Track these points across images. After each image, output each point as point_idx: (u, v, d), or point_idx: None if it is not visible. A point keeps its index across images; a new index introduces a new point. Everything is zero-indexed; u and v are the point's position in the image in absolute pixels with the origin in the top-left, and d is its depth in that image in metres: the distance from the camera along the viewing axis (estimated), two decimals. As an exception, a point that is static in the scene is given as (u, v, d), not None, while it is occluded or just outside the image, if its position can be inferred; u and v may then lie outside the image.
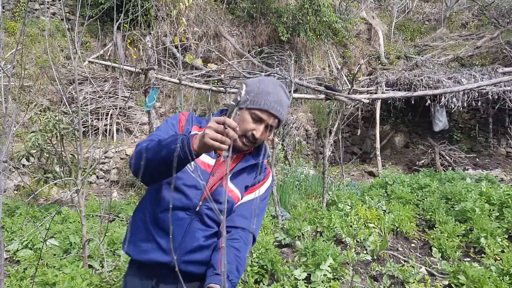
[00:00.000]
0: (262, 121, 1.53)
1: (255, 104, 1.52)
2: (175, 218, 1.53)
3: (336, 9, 12.81)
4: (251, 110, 1.53)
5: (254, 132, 1.53)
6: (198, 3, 10.89)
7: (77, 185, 3.07)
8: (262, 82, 1.57)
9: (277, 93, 1.55)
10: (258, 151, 1.67)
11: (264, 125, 1.54)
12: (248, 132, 1.54)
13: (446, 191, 5.67)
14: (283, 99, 1.57)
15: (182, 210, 1.54)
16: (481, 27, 14.46)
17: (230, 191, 1.59)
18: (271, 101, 1.52)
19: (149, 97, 4.67)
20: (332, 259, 3.50)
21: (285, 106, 1.58)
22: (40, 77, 8.48)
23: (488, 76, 9.71)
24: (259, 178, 1.68)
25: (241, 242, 1.54)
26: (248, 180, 1.65)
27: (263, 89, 1.53)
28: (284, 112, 1.58)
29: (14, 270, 3.36)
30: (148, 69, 4.71)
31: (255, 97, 1.53)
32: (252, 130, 1.53)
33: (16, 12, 9.63)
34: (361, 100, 5.92)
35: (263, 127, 1.54)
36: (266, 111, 1.52)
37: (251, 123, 1.53)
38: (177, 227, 1.53)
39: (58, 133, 5.16)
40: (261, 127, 1.54)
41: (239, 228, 1.58)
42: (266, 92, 1.53)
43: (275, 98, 1.54)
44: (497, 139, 10.92)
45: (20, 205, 5.26)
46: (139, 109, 8.66)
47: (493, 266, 3.55)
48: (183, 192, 1.54)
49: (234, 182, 1.61)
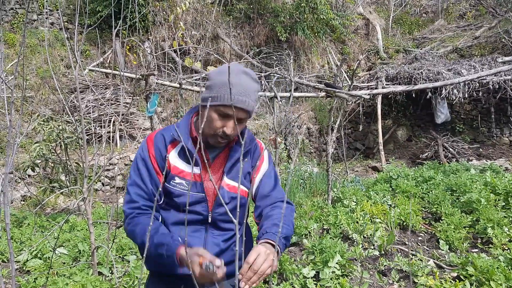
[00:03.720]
0: (230, 116, 1.46)
1: (219, 100, 1.44)
2: (191, 231, 1.56)
3: (333, 6, 12.82)
4: (216, 107, 1.45)
5: (224, 129, 1.48)
6: (195, 7, 10.91)
7: (83, 193, 3.10)
8: (222, 74, 1.47)
9: (240, 83, 1.45)
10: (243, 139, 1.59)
11: (233, 120, 1.48)
12: (218, 131, 1.48)
13: (451, 183, 5.66)
14: (249, 86, 1.47)
15: (197, 224, 1.57)
16: (479, 17, 14.44)
17: (231, 187, 1.58)
18: (234, 94, 1.43)
19: (151, 102, 4.69)
20: (340, 256, 3.51)
21: (252, 94, 1.48)
22: (41, 87, 8.53)
23: (488, 66, 9.70)
24: (257, 155, 1.66)
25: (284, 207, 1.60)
26: (246, 167, 1.64)
27: (224, 81, 1.44)
28: (252, 101, 1.48)
29: (24, 281, 3.38)
30: (148, 75, 4.74)
31: (218, 92, 1.45)
32: (222, 127, 1.48)
33: (14, 23, 9.69)
34: (361, 96, 5.93)
35: (232, 122, 1.47)
36: (231, 106, 1.42)
37: (218, 120, 1.47)
38: (195, 239, 1.56)
39: (62, 142, 5.20)
40: (230, 122, 1.47)
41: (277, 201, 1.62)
42: (227, 85, 1.41)
43: (239, 89, 1.44)
44: (499, 128, 10.89)
45: (28, 215, 5.30)
46: (141, 114, 8.70)
47: (501, 256, 3.54)
48: (191, 210, 1.56)
49: (231, 177, 1.59)
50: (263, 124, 10.12)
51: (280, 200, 1.62)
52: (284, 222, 1.52)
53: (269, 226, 1.47)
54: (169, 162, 1.55)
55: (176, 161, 1.56)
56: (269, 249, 1.36)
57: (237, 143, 1.61)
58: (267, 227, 1.47)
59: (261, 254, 1.32)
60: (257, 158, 1.66)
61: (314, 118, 11.21)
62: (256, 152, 1.67)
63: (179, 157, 1.56)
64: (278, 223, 1.47)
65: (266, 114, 10.47)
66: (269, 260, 1.32)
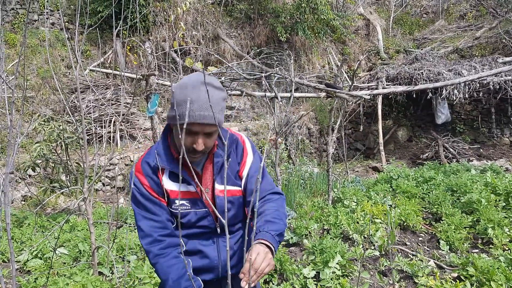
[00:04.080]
0: (196, 133, 1.44)
1: (181, 119, 1.41)
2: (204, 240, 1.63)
3: (333, 7, 12.82)
4: (181, 126, 1.41)
5: (194, 146, 1.45)
6: (195, 7, 10.92)
7: (84, 193, 3.10)
8: (182, 89, 1.43)
9: (199, 98, 1.40)
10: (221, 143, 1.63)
11: (201, 135, 1.45)
12: (189, 147, 1.46)
13: (451, 183, 5.66)
14: (211, 99, 1.40)
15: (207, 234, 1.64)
16: (479, 18, 14.43)
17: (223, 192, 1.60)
18: (195, 111, 1.39)
19: (151, 103, 4.69)
20: (340, 256, 3.51)
21: (214, 105, 1.42)
22: (42, 87, 8.54)
23: (488, 67, 9.69)
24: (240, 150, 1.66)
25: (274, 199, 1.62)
26: (233, 167, 1.64)
27: (183, 98, 1.40)
28: (216, 112, 1.42)
29: (25, 281, 3.39)
30: (149, 75, 4.74)
31: (178, 110, 1.41)
32: (191, 144, 1.46)
33: (15, 24, 9.70)
34: (362, 96, 5.93)
35: (201, 137, 1.45)
36: (194, 123, 1.40)
37: (186, 137, 1.44)
38: (209, 247, 1.63)
39: (63, 142, 5.20)
40: (198, 138, 1.45)
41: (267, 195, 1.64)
42: (187, 100, 1.39)
43: (199, 104, 1.39)
44: (500, 129, 10.88)
45: (28, 215, 5.30)
46: (142, 115, 8.70)
47: (501, 257, 3.54)
48: (198, 226, 1.61)
49: (221, 181, 1.60)
50: (264, 124, 10.12)
51: (269, 193, 1.64)
52: (276, 216, 1.53)
53: (262, 225, 1.48)
54: (164, 189, 1.57)
55: (170, 185, 1.57)
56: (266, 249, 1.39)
57: (218, 147, 1.61)
58: (260, 225, 1.48)
59: (260, 253, 1.35)
60: (241, 153, 1.66)
61: (315, 118, 11.22)
62: (238, 147, 1.66)
63: (170, 180, 1.58)
64: (271, 220, 1.50)
65: (266, 115, 10.48)
66: (268, 258, 1.35)
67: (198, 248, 1.63)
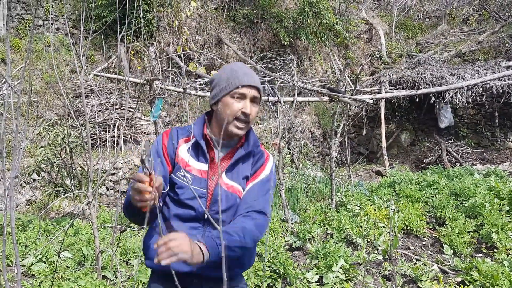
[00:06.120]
0: (245, 96, 1.59)
1: (230, 86, 1.58)
2: (189, 228, 1.58)
3: (336, 11, 12.86)
4: (230, 92, 1.58)
5: (243, 110, 1.57)
6: (199, 12, 10.99)
7: (88, 197, 3.12)
8: (224, 69, 1.65)
9: (242, 68, 1.63)
10: (247, 142, 1.68)
11: (249, 100, 1.59)
12: (237, 113, 1.57)
13: (454, 188, 5.65)
14: (251, 71, 1.65)
15: (194, 221, 1.59)
16: (482, 22, 14.44)
17: (229, 187, 1.61)
18: (242, 76, 1.59)
19: (155, 107, 4.72)
20: (344, 261, 3.51)
21: (255, 76, 1.64)
22: (47, 92, 8.60)
23: (491, 71, 9.68)
24: (259, 164, 1.69)
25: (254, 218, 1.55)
26: (245, 170, 1.66)
27: (229, 71, 1.62)
28: (258, 80, 1.64)
29: (29, 284, 3.41)
30: (153, 80, 4.77)
31: (227, 81, 1.59)
32: (240, 109, 1.57)
33: (20, 29, 9.78)
34: (365, 101, 5.94)
35: (249, 102, 1.59)
36: (244, 86, 1.57)
37: (236, 103, 1.58)
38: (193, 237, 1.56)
39: (67, 147, 5.23)
40: (247, 102, 1.59)
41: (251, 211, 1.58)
42: (233, 71, 1.61)
43: (244, 71, 1.61)
44: (503, 133, 10.85)
45: (33, 219, 5.32)
46: (146, 119, 8.74)
47: (505, 261, 3.53)
48: (188, 205, 1.58)
49: (230, 176, 1.62)
50: (267, 128, 10.14)
51: (255, 210, 1.58)
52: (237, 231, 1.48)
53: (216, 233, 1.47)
54: (178, 154, 1.63)
55: (185, 155, 1.63)
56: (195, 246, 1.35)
57: (242, 146, 1.66)
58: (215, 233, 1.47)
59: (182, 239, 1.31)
60: (260, 166, 1.69)
61: (318, 122, 11.23)
62: (259, 161, 1.70)
63: (188, 152, 1.63)
64: (229, 232, 1.45)
65: (269, 119, 10.50)
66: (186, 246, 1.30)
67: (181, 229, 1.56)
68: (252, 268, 3.39)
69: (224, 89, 1.59)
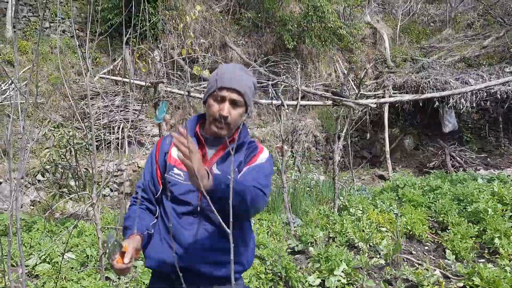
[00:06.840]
0: (224, 99, 1.60)
1: (212, 88, 1.61)
2: (185, 223, 1.61)
3: (340, 15, 12.87)
4: (212, 94, 1.62)
5: (220, 112, 1.59)
6: (204, 15, 11.05)
7: (92, 198, 3.15)
8: (219, 69, 1.67)
9: (233, 71, 1.64)
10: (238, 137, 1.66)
11: (228, 102, 1.60)
12: (215, 114, 1.60)
13: (457, 193, 5.64)
14: (242, 75, 1.64)
15: (189, 215, 1.63)
16: (486, 27, 14.41)
17: None
18: (226, 78, 1.60)
19: (159, 110, 4.76)
20: (346, 265, 3.52)
21: (244, 81, 1.63)
22: (52, 94, 8.66)
23: (496, 76, 9.68)
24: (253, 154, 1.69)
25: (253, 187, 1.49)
26: (238, 160, 1.66)
27: (217, 73, 1.65)
28: (244, 85, 1.62)
29: (33, 285, 3.43)
30: (157, 83, 4.81)
31: (212, 83, 1.63)
32: (218, 111, 1.60)
33: (27, 31, 9.87)
34: (368, 105, 5.95)
35: (227, 105, 1.60)
36: (223, 88, 1.58)
37: (215, 105, 1.61)
38: (189, 231, 1.61)
39: (72, 148, 5.27)
40: (225, 105, 1.60)
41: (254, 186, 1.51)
42: (220, 73, 1.63)
43: (231, 75, 1.62)
44: (507, 138, 10.82)
45: (37, 220, 5.36)
46: (150, 121, 8.79)
47: (507, 267, 3.53)
48: (182, 200, 1.63)
49: (221, 168, 1.62)
50: (270, 131, 10.16)
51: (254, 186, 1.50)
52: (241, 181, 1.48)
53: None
54: (170, 155, 1.68)
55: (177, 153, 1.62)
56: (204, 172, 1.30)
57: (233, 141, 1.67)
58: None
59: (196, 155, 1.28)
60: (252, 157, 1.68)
61: (321, 126, 11.24)
62: (252, 153, 1.70)
63: None
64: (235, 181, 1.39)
65: (273, 122, 10.52)
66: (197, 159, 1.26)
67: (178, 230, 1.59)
68: (254, 271, 3.41)
69: (208, 91, 1.65)
